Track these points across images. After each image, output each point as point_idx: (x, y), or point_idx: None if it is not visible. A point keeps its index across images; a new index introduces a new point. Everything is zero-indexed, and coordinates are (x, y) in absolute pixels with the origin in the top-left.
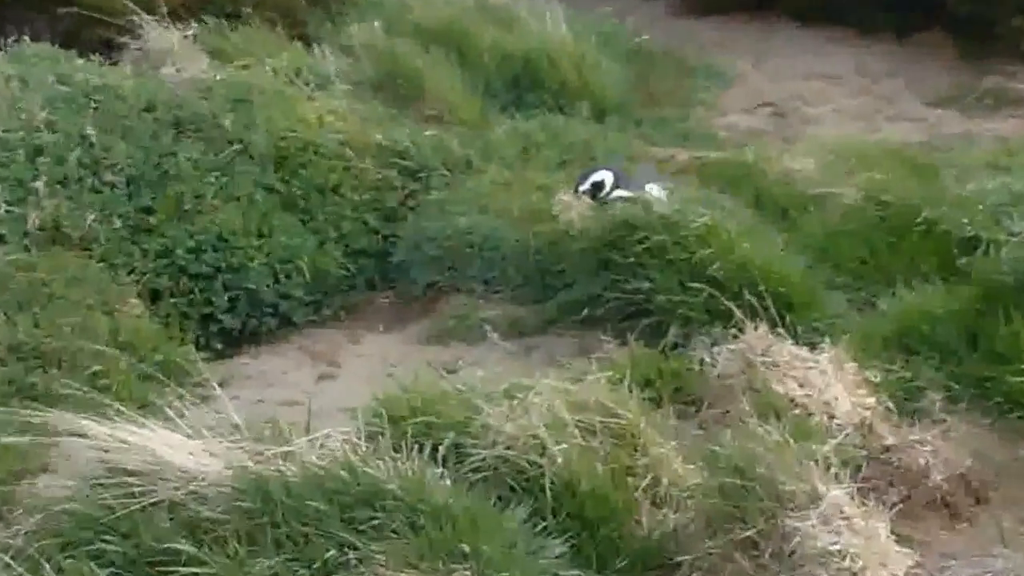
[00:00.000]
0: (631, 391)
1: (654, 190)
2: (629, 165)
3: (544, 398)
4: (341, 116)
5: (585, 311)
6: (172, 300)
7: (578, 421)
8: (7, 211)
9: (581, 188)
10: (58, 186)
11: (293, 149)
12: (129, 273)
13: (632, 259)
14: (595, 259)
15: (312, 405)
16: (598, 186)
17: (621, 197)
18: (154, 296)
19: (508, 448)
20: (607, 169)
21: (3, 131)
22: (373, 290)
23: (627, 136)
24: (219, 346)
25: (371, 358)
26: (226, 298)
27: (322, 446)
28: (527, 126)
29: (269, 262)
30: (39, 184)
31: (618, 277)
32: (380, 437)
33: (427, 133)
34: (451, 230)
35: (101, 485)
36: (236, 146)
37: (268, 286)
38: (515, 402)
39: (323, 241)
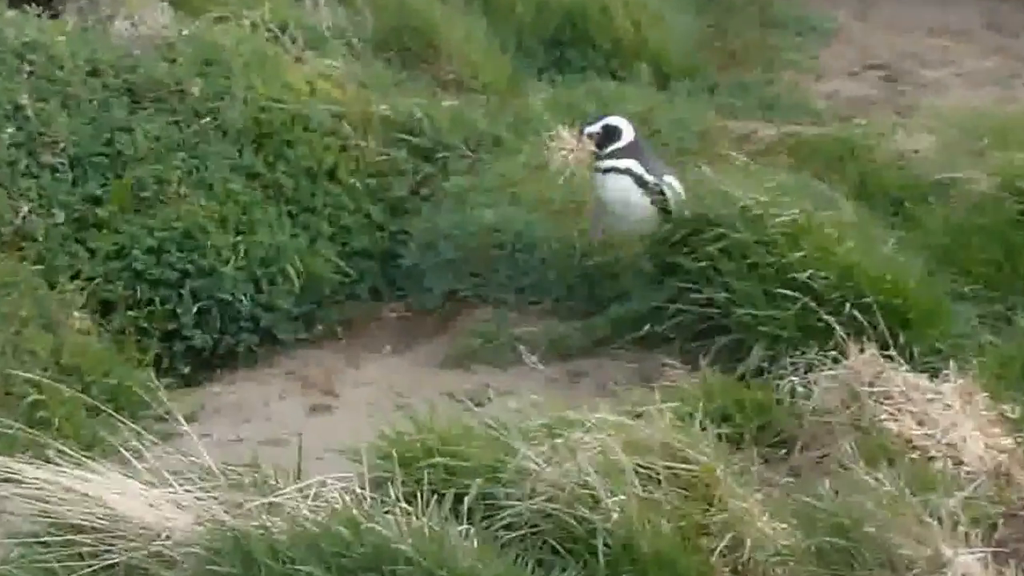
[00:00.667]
0: (704, 429)
1: (674, 184)
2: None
3: (595, 437)
4: (337, 82)
5: (645, 327)
6: (127, 312)
7: (638, 466)
8: None
9: (588, 129)
10: None
11: (277, 124)
12: (73, 278)
13: (704, 262)
14: (658, 263)
15: (303, 444)
16: (611, 134)
17: (633, 174)
18: (104, 307)
19: (550, 500)
20: (630, 123)
21: None
22: (377, 300)
23: (698, 106)
24: (186, 370)
25: (375, 386)
26: (194, 310)
27: (316, 496)
28: (570, 94)
29: (248, 265)
30: None
31: (686, 285)
32: (389, 485)
33: (444, 103)
34: (475, 226)
35: (41, 544)
36: (206, 120)
37: (247, 295)
38: (558, 441)
39: (315, 239)
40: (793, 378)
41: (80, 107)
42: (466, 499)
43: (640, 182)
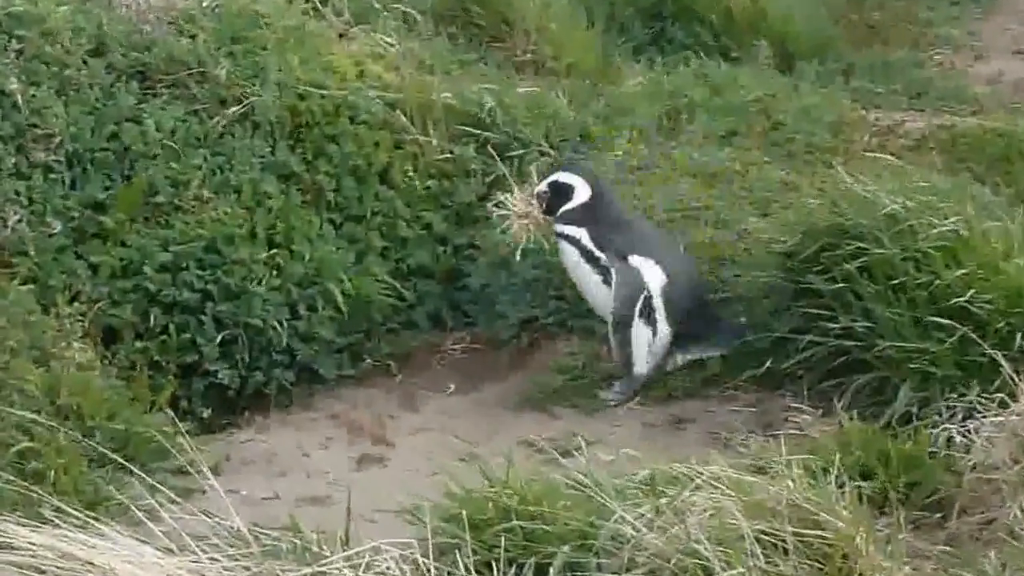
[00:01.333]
0: (840, 487)
1: (644, 267)
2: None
3: (707, 496)
4: (390, 63)
5: (766, 363)
6: (136, 342)
7: (760, 532)
8: None
9: (538, 188)
10: None
11: (319, 114)
12: (72, 301)
13: (840, 284)
14: (783, 284)
15: (351, 503)
16: (561, 193)
17: (582, 247)
18: (109, 336)
19: (652, 572)
20: (584, 178)
21: None
22: (439, 329)
23: (830, 92)
24: (207, 413)
25: (437, 433)
26: (218, 340)
27: (368, 566)
28: (674, 78)
29: (283, 285)
30: None
31: (818, 311)
32: (457, 552)
33: (520, 89)
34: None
35: None
36: (233, 109)
37: (281, 322)
38: (662, 502)
39: (363, 254)
40: (949, 426)
41: (80, 93)
42: (551, 570)
43: (588, 256)
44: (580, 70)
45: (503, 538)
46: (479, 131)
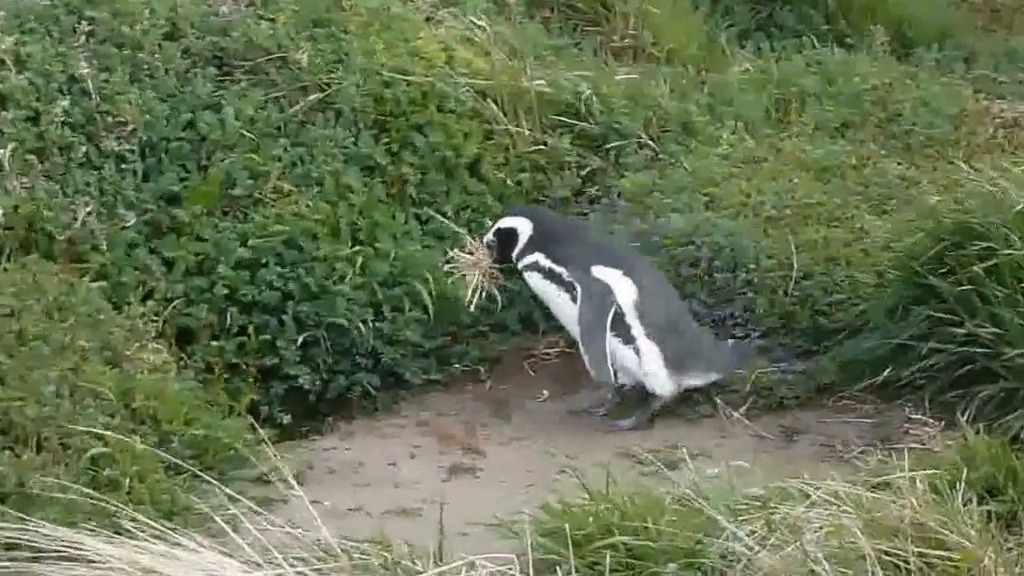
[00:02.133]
0: (965, 504)
1: (610, 278)
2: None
3: (823, 513)
4: (480, 48)
5: (885, 372)
6: (213, 343)
7: (882, 552)
8: None
9: (485, 238)
10: (32, 157)
11: (404, 102)
12: (145, 299)
13: (966, 287)
14: (902, 287)
15: (443, 517)
16: (506, 239)
17: (541, 268)
18: (185, 337)
19: None
20: (525, 217)
21: None
22: (531, 333)
23: (951, 82)
24: (288, 418)
25: (530, 442)
26: (299, 342)
27: None
28: (783, 65)
29: (367, 284)
30: (2, 154)
31: (941, 316)
32: (557, 569)
33: (618, 76)
34: (659, 236)
35: None
36: (315, 96)
37: (366, 323)
38: (775, 518)
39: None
40: None
41: (154, 79)
42: None
43: (550, 275)
44: (682, 56)
45: (607, 556)
46: (574, 121)
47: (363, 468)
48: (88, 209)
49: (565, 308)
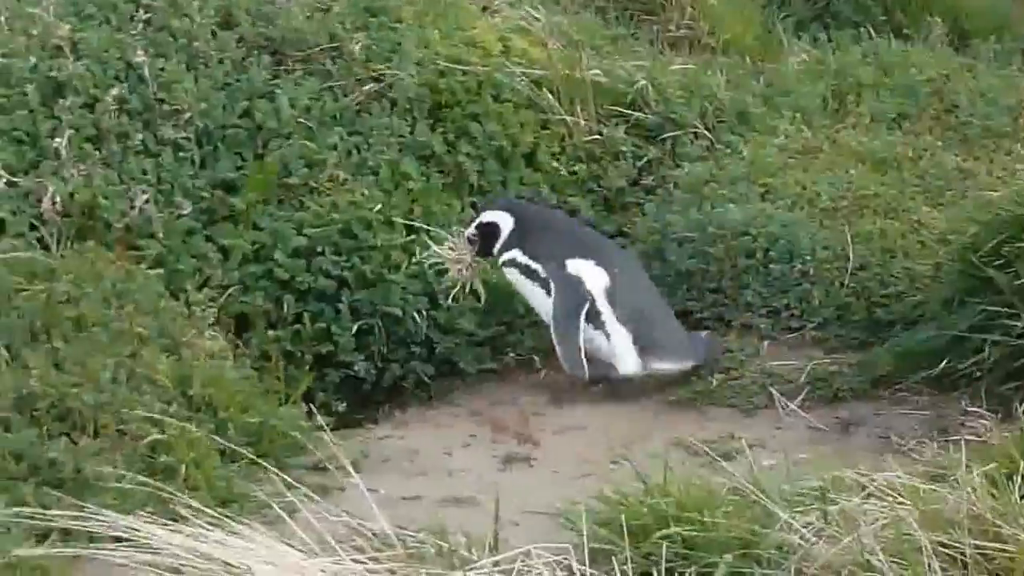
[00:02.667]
0: (1023, 497)
1: (583, 270)
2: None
3: (880, 505)
4: (536, 38)
5: (941, 363)
6: (269, 331)
7: (938, 544)
8: (9, 183)
9: (466, 232)
10: (88, 145)
11: (460, 91)
12: (202, 287)
13: (1023, 279)
14: (960, 279)
15: (498, 506)
16: (488, 234)
17: (518, 264)
18: (241, 325)
19: None
20: (506, 211)
21: (2, 55)
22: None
23: (1008, 74)
24: (343, 406)
25: (586, 432)
26: (354, 330)
27: (520, 572)
28: (840, 56)
29: (422, 273)
30: (60, 142)
31: (999, 308)
32: (613, 559)
33: (674, 67)
34: (714, 227)
35: None
36: (370, 86)
37: (421, 312)
38: (831, 509)
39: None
40: None
41: (209, 68)
42: None
43: (527, 272)
44: (738, 47)
45: (663, 547)
46: (630, 111)
47: (418, 457)
48: (145, 197)
49: (542, 303)
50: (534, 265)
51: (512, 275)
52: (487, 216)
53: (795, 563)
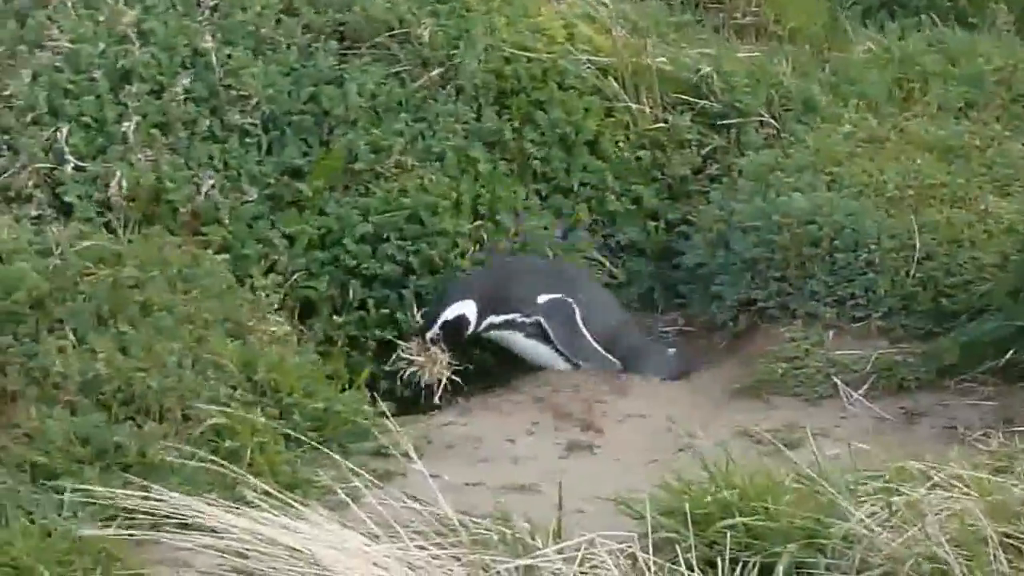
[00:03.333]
0: None
1: (552, 306)
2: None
3: (945, 496)
4: (601, 25)
5: (1008, 353)
6: (334, 317)
7: (1003, 535)
8: (77, 168)
9: (430, 334)
10: (156, 131)
11: (525, 78)
12: (267, 272)
13: None
14: None
15: (562, 493)
16: (455, 328)
17: (499, 325)
18: (306, 310)
19: (887, 574)
20: (465, 296)
21: (70, 41)
22: (650, 310)
23: None
24: (407, 393)
25: (649, 420)
26: (419, 316)
27: (584, 560)
28: (906, 45)
29: (488, 259)
30: (127, 127)
31: None
32: (677, 547)
33: (740, 54)
34: (780, 215)
35: None
36: (437, 72)
37: None
38: (895, 500)
39: (570, 228)
40: None
41: (276, 54)
42: (776, 570)
43: (511, 326)
44: (804, 35)
45: (726, 535)
46: (695, 99)
47: (481, 443)
48: (211, 182)
49: (534, 349)
50: (510, 316)
51: (500, 337)
52: (450, 312)
53: (859, 553)
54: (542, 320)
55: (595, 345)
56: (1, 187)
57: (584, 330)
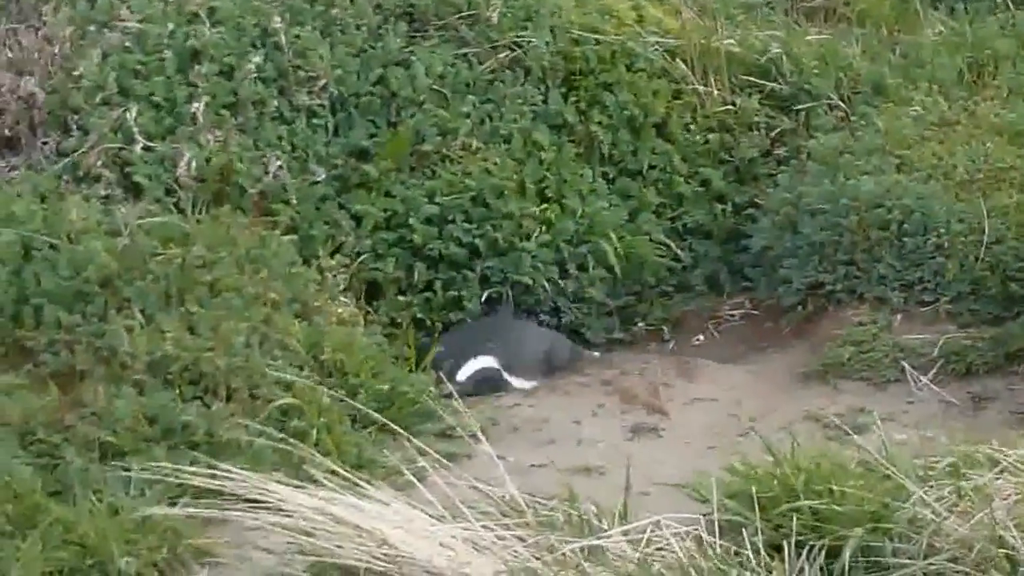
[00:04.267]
0: None
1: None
2: None
3: (1014, 481)
4: (670, 7)
5: None
6: (400, 298)
7: None
8: (146, 148)
9: (461, 376)
10: (225, 112)
11: (593, 60)
12: (334, 253)
13: None
14: None
15: (629, 475)
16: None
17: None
18: (373, 291)
19: (954, 560)
20: (488, 351)
21: (140, 21)
22: (716, 293)
23: None
24: None
25: (716, 404)
26: (484, 298)
27: (649, 542)
28: (977, 28)
29: (553, 241)
30: (196, 108)
31: None
32: (743, 532)
33: (809, 37)
34: (849, 199)
35: None
36: (504, 54)
37: (551, 280)
38: (963, 485)
39: (637, 211)
40: None
41: (345, 35)
42: (843, 554)
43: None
44: (874, 17)
45: (793, 518)
46: (764, 81)
47: (546, 425)
48: (279, 163)
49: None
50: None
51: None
52: (479, 363)
53: (926, 538)
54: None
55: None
56: (71, 167)
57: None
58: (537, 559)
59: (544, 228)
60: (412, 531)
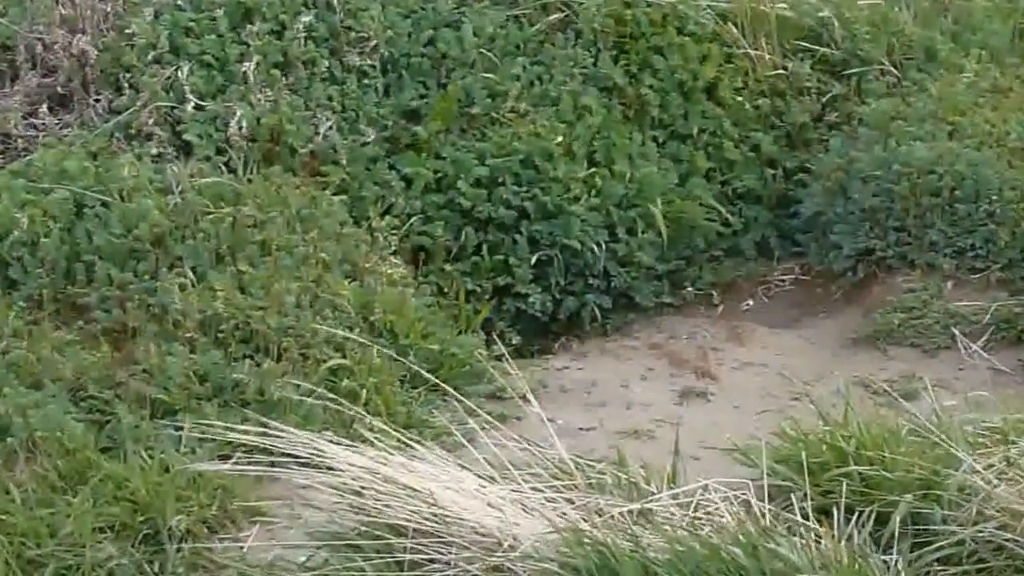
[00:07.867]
0: None
1: None
2: None
3: None
4: None
5: None
6: (448, 262)
7: None
8: (197, 107)
9: None
10: (276, 71)
11: (645, 23)
12: (384, 214)
13: None
14: None
15: (678, 439)
16: None
17: None
18: (421, 254)
19: (1002, 527)
20: None
21: None
22: (766, 258)
23: None
24: (519, 338)
25: (764, 368)
26: (533, 261)
27: (698, 506)
28: None
29: (602, 205)
30: (248, 67)
31: None
32: (791, 497)
33: (862, 2)
34: (900, 165)
35: (352, 547)
36: (554, 16)
37: (600, 244)
38: (1013, 452)
39: (688, 175)
40: None
41: None
42: (892, 520)
43: None
44: None
45: (842, 485)
46: (815, 46)
47: (596, 388)
48: (330, 123)
49: None
50: None
51: None
52: None
53: (976, 506)
54: None
55: None
56: (122, 125)
57: None
58: (586, 521)
59: (593, 192)
60: (461, 491)
